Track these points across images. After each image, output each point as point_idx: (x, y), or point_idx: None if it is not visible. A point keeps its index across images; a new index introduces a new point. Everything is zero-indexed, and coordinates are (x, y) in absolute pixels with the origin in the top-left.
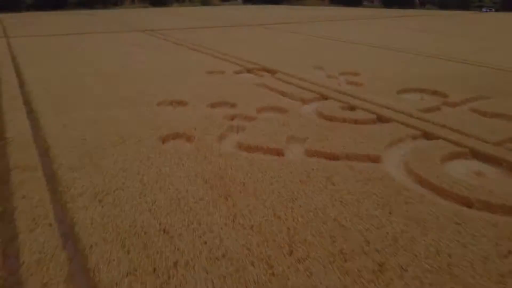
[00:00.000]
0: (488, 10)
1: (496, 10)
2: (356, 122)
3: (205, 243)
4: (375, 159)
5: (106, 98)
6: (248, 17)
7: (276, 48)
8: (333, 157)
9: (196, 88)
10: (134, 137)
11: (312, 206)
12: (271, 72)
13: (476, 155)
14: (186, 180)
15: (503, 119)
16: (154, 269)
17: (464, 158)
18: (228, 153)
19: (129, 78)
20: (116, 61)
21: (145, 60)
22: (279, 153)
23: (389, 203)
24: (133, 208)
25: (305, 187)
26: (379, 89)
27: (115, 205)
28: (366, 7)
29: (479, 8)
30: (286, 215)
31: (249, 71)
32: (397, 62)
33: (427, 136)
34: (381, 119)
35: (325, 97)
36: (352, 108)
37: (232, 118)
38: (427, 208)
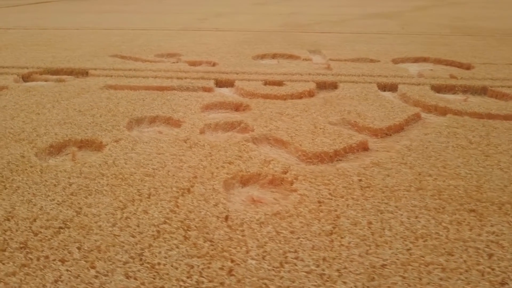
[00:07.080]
0: None
1: None
2: (310, 94)
3: None
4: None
5: None
6: None
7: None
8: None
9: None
10: None
11: None
12: (78, 73)
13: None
14: None
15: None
16: None
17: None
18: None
19: None
20: None
21: None
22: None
23: None
24: None
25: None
26: (239, 62)
27: None
28: None
29: None
30: None
31: (25, 78)
32: (177, 39)
33: (384, 86)
34: (319, 86)
35: (218, 82)
36: (272, 83)
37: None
38: None
